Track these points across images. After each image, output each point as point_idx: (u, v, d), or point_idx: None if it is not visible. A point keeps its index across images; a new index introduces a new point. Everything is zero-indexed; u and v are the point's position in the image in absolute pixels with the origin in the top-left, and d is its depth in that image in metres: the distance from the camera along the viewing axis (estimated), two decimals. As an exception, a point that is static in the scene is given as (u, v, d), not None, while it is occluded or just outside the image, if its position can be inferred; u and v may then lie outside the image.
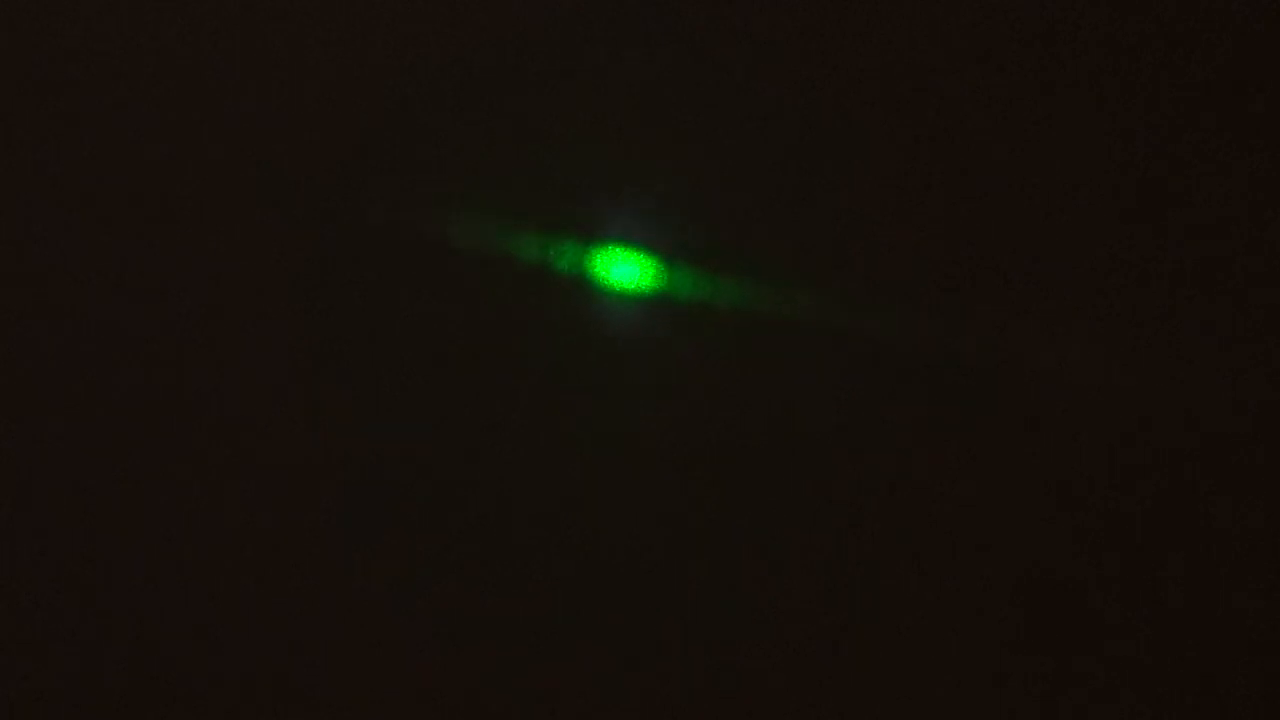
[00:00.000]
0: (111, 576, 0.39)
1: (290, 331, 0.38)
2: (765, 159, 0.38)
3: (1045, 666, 0.37)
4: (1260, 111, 0.38)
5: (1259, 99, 0.38)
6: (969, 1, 0.38)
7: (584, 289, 0.38)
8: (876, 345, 0.38)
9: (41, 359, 0.39)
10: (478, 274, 0.38)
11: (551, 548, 0.38)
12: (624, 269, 0.38)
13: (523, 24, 0.38)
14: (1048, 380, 0.38)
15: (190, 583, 0.38)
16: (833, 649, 0.37)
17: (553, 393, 0.38)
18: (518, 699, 0.38)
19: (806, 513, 0.38)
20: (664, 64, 0.38)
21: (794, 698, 0.37)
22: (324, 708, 0.38)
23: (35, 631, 0.39)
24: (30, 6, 0.39)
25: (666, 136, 0.38)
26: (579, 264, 0.38)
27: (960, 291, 0.38)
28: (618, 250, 0.38)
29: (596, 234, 0.38)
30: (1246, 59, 0.38)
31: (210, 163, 0.38)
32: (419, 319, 0.38)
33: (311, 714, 0.38)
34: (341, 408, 0.38)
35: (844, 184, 0.38)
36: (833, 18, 0.38)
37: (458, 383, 0.38)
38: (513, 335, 0.38)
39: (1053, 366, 0.38)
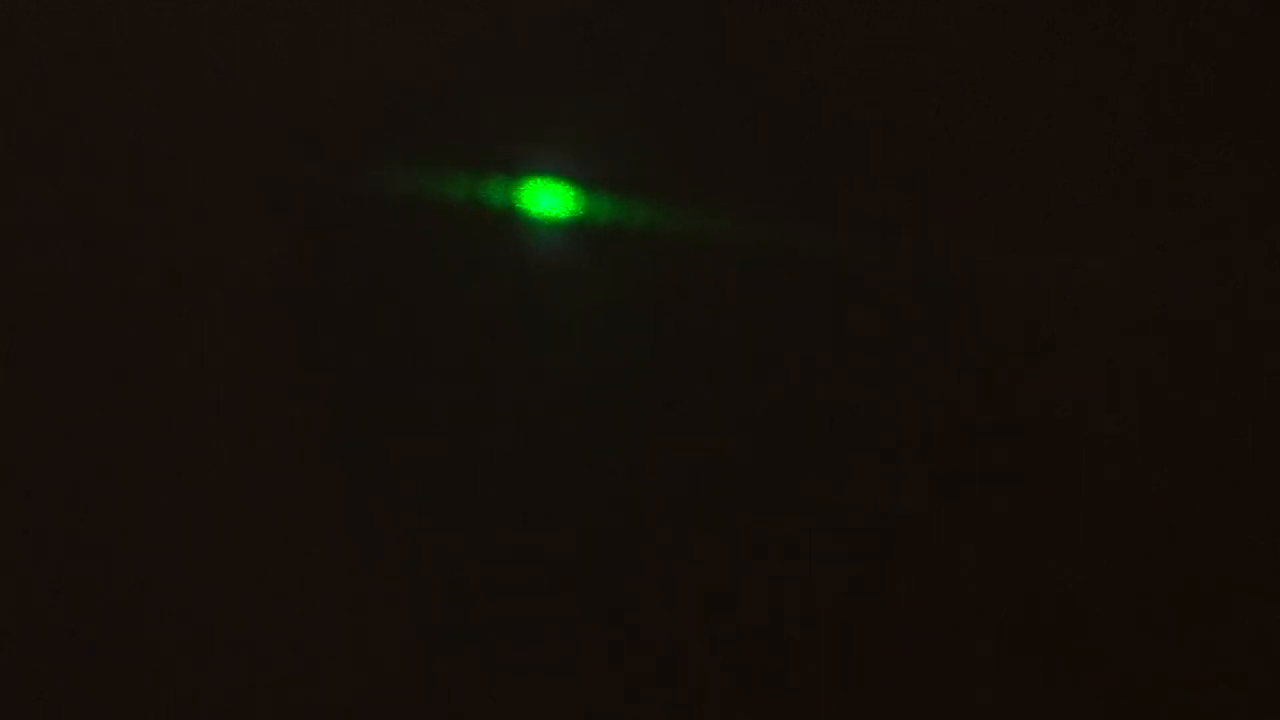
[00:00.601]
0: (111, 576, 0.40)
1: (250, 295, 0.40)
2: (683, 85, 0.40)
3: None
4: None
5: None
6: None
7: (512, 221, 0.40)
8: (799, 263, 0.40)
9: (41, 358, 0.40)
10: (409, 215, 0.40)
11: (487, 475, 0.40)
12: (548, 200, 0.40)
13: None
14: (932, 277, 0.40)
15: (190, 581, 0.40)
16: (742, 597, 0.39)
17: (490, 322, 0.40)
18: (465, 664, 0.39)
19: (732, 439, 0.40)
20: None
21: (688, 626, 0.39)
22: (324, 708, 0.40)
23: (34, 631, 0.40)
24: (30, 6, 0.40)
25: (583, 73, 0.40)
26: (506, 198, 0.40)
27: (888, 206, 0.40)
28: (541, 183, 0.40)
29: (520, 169, 0.40)
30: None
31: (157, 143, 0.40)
32: (357, 263, 0.40)
33: (311, 714, 0.40)
34: (296, 352, 0.40)
35: (761, 107, 0.40)
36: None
37: (400, 320, 0.40)
38: (448, 270, 0.40)
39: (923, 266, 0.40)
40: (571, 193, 0.40)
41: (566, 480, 0.40)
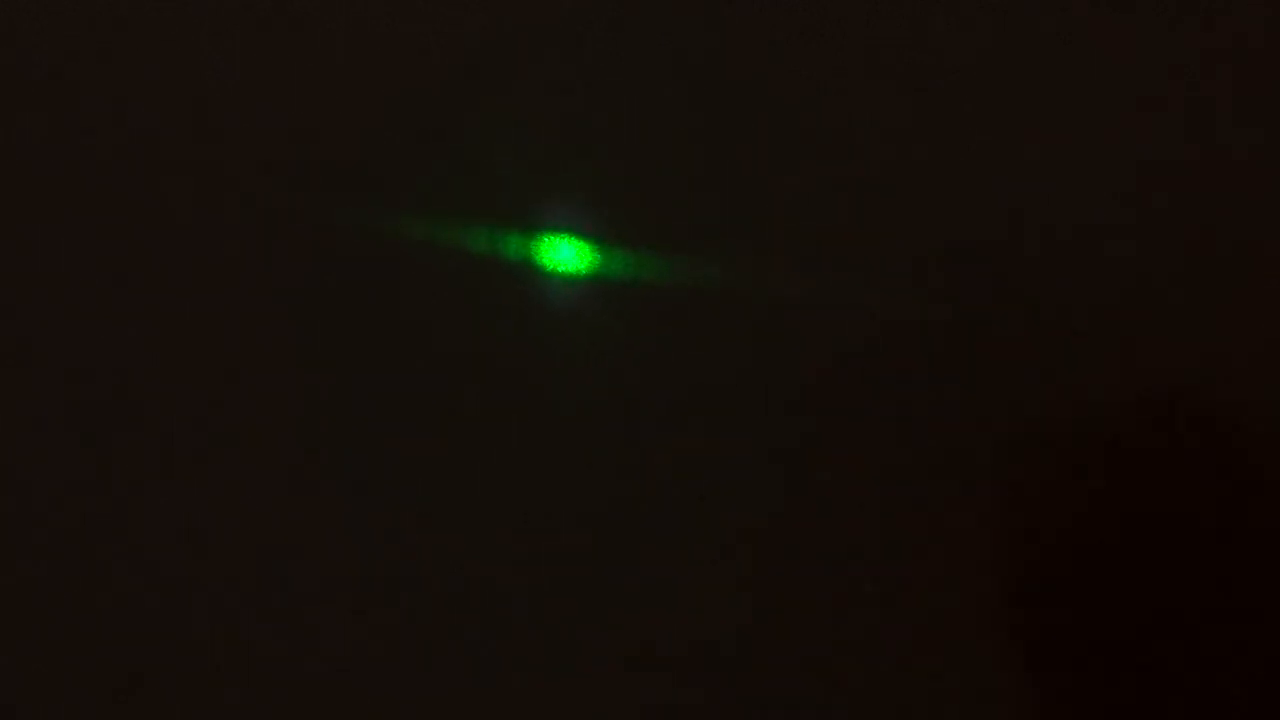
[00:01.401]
0: (110, 577, 0.40)
1: (260, 329, 0.40)
2: (701, 140, 0.41)
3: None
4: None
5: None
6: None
7: (529, 275, 0.41)
8: (818, 318, 0.40)
9: (41, 358, 0.40)
10: (428, 267, 0.40)
11: (502, 521, 0.40)
12: (565, 254, 0.41)
13: (459, 24, 0.41)
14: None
15: (191, 582, 0.40)
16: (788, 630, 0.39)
17: (504, 374, 0.41)
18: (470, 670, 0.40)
19: (754, 486, 0.40)
20: (595, 55, 0.41)
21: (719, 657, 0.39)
22: (322, 710, 0.40)
23: (33, 631, 0.40)
24: (30, 6, 0.41)
25: (599, 130, 0.41)
26: (523, 252, 0.41)
27: (890, 261, 0.40)
28: (558, 237, 0.41)
29: (537, 223, 0.41)
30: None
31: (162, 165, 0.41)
32: (369, 312, 0.40)
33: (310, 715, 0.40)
34: (307, 398, 0.40)
35: (782, 164, 0.41)
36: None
37: (414, 371, 0.40)
38: (463, 322, 0.40)
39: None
40: (588, 247, 0.41)
41: (580, 532, 0.40)
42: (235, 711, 0.40)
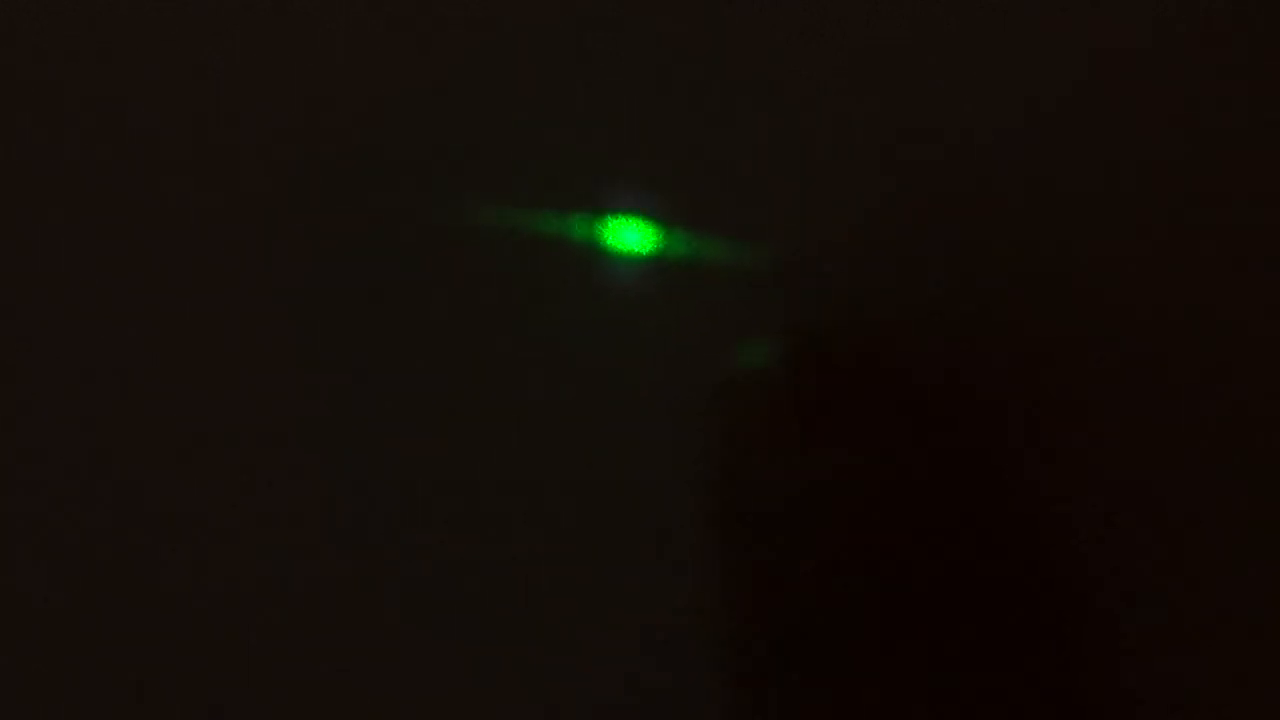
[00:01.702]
0: (110, 577, 0.41)
1: (313, 316, 0.41)
2: (769, 123, 0.41)
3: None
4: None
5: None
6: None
7: (593, 257, 0.41)
8: (874, 302, 0.41)
9: (51, 359, 0.41)
10: (490, 251, 0.41)
11: (565, 506, 0.41)
12: (628, 236, 0.41)
13: (513, 11, 0.41)
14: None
15: (194, 583, 0.41)
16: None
17: (568, 356, 0.41)
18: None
19: (812, 474, 0.40)
20: (659, 37, 0.42)
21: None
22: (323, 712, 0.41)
23: (33, 630, 0.41)
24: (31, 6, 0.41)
25: (665, 111, 0.42)
26: (588, 234, 0.41)
27: (962, 247, 0.41)
28: (622, 219, 0.41)
29: (601, 206, 0.41)
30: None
31: (206, 160, 0.41)
32: (436, 300, 0.41)
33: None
34: (367, 386, 0.41)
35: (846, 151, 0.41)
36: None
37: (478, 355, 0.41)
38: (528, 304, 0.41)
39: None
40: (653, 229, 0.41)
41: (643, 516, 0.41)
42: (236, 711, 0.40)
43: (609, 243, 0.41)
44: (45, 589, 0.41)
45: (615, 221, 0.41)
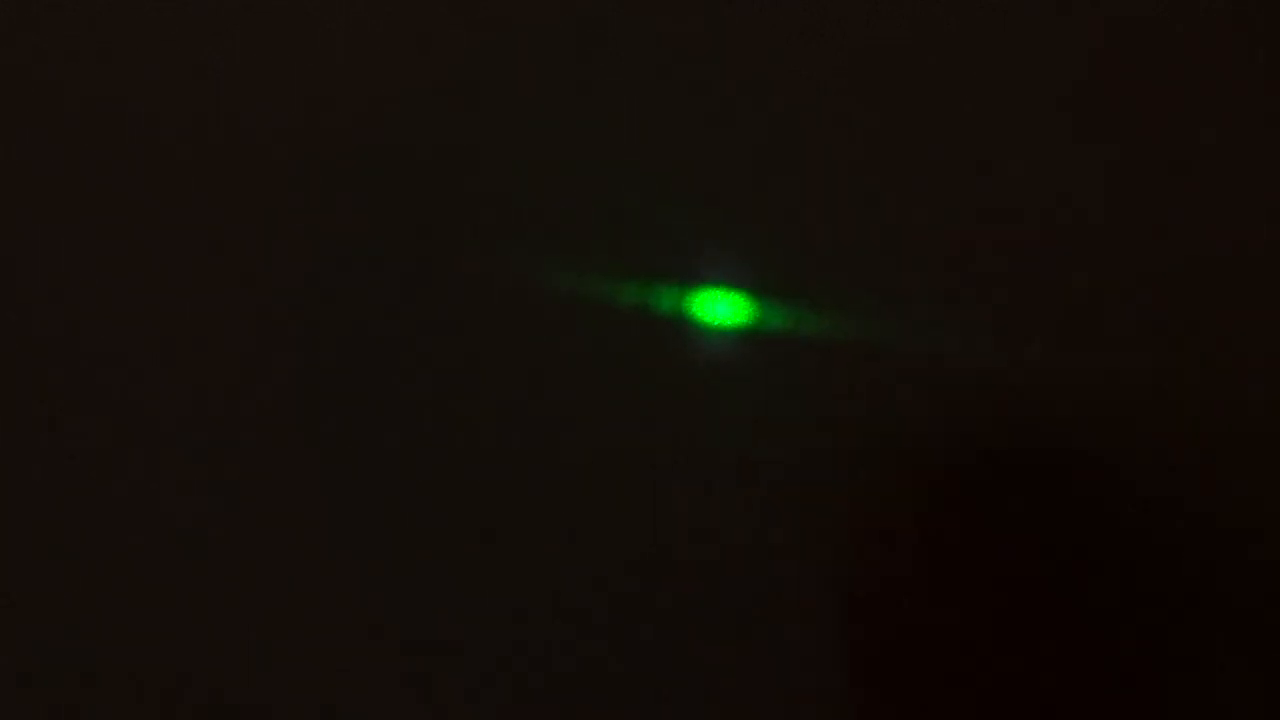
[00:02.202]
0: (108, 577, 0.40)
1: (403, 382, 0.40)
2: (850, 192, 0.40)
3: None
4: None
5: None
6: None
7: (682, 328, 0.40)
8: (974, 374, 0.39)
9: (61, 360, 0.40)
10: (575, 319, 0.40)
11: (654, 575, 0.39)
12: (719, 307, 0.40)
13: (603, 75, 0.40)
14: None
15: (196, 585, 0.40)
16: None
17: (660, 431, 0.40)
18: None
19: (906, 540, 0.39)
20: (752, 106, 0.40)
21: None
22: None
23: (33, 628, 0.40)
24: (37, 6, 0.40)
25: (753, 177, 0.40)
26: (676, 305, 0.40)
27: (1068, 321, 0.39)
28: (712, 290, 0.40)
29: (689, 276, 0.40)
30: None
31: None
32: (518, 364, 0.40)
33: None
34: (448, 452, 0.40)
35: (940, 216, 0.40)
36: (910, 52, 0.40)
37: (564, 430, 0.40)
38: (615, 377, 0.40)
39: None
40: (744, 300, 0.40)
41: (737, 586, 0.39)
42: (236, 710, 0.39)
43: (699, 314, 0.40)
44: (45, 588, 0.40)
45: (705, 293, 0.40)
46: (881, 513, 0.39)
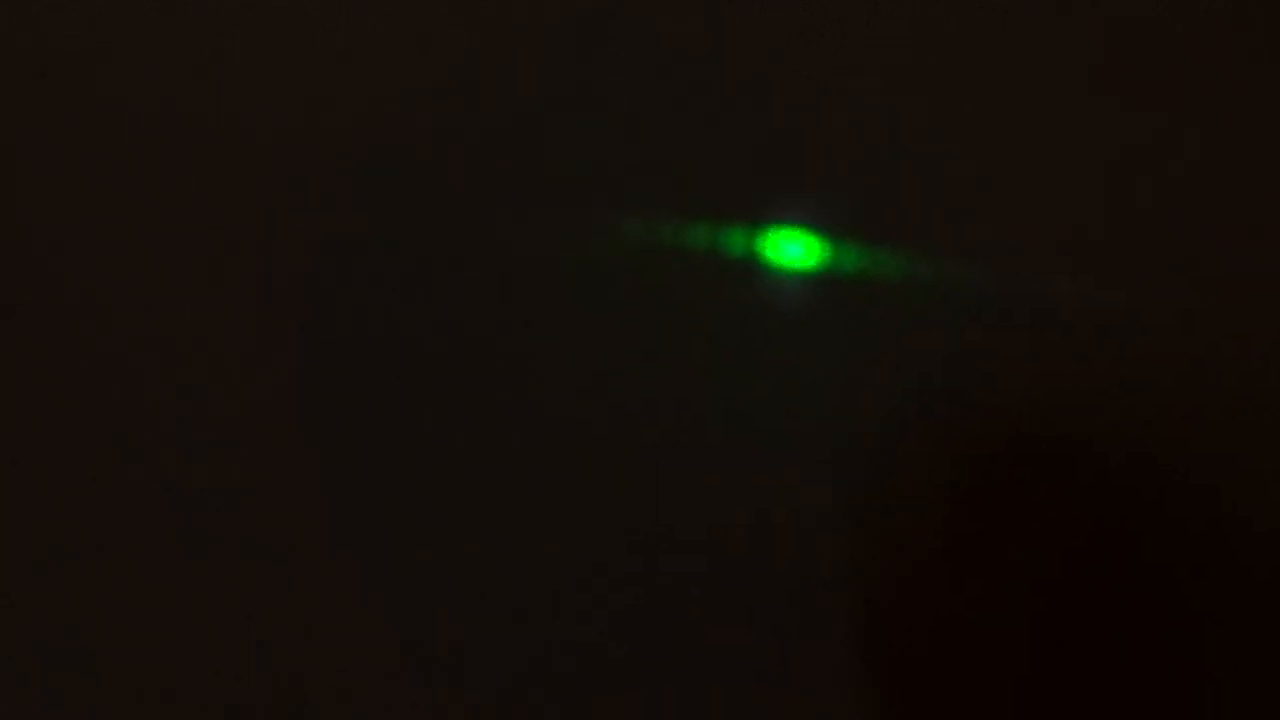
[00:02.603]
0: (109, 576, 0.40)
1: (457, 326, 0.40)
2: (925, 135, 0.38)
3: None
4: None
5: None
6: None
7: (755, 272, 0.39)
8: (1041, 319, 0.38)
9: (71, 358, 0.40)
10: (646, 263, 0.39)
11: (725, 524, 0.39)
12: (792, 250, 0.39)
13: (674, 18, 0.39)
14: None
15: (199, 581, 0.40)
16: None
17: (732, 374, 0.39)
18: None
19: (978, 489, 0.38)
20: (822, 46, 0.39)
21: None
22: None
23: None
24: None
25: (827, 119, 0.39)
26: (749, 248, 0.39)
27: (1131, 261, 0.38)
28: (785, 232, 0.39)
29: (763, 217, 0.39)
30: None
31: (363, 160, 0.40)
32: (594, 313, 0.39)
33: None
34: (519, 397, 0.40)
35: (1004, 160, 0.38)
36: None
37: (633, 374, 0.39)
38: (687, 321, 0.39)
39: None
40: (816, 242, 0.39)
41: (807, 538, 0.39)
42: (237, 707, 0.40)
43: (770, 257, 0.39)
44: (45, 586, 0.40)
45: (777, 234, 0.39)
46: (955, 464, 0.38)
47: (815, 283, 0.38)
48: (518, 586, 0.40)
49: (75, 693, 0.40)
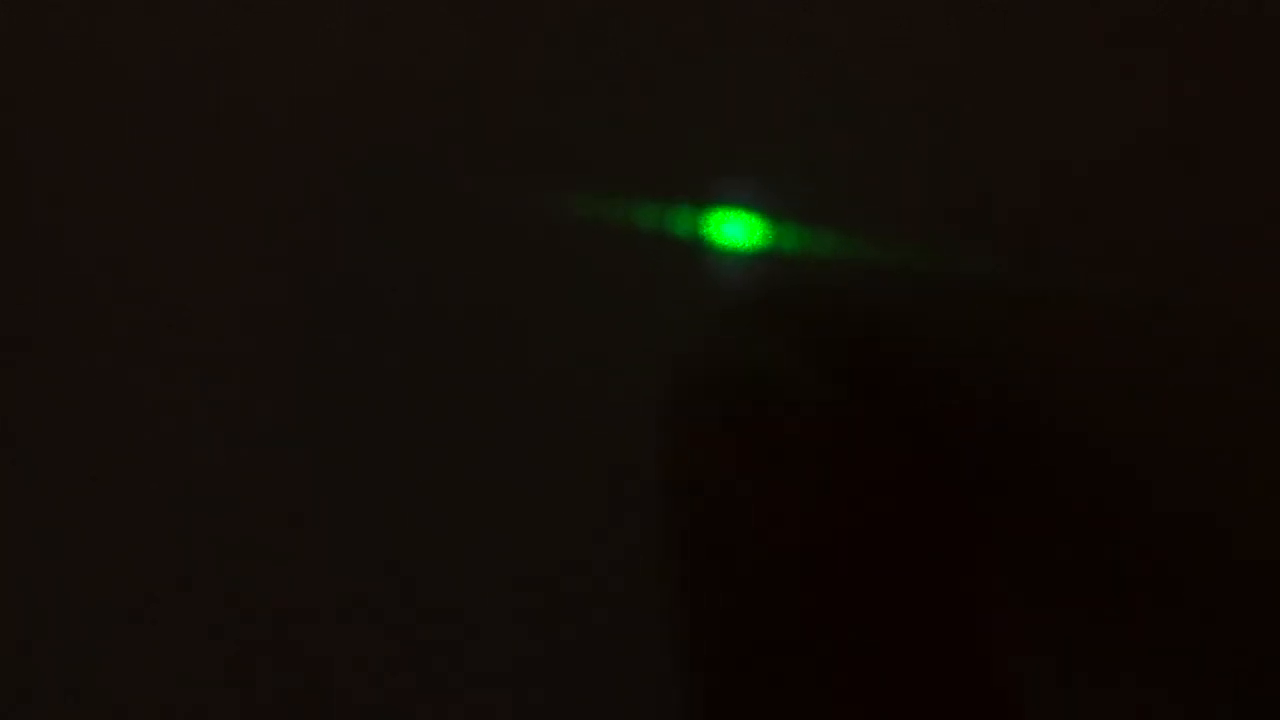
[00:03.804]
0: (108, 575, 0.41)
1: (409, 307, 0.40)
2: (867, 115, 0.38)
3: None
4: None
5: None
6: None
7: (699, 251, 0.39)
8: (989, 300, 0.37)
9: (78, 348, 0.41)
10: (591, 242, 0.39)
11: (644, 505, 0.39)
12: (735, 229, 0.39)
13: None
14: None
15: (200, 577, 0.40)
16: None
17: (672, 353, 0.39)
18: None
19: (920, 473, 0.38)
20: (772, 27, 0.39)
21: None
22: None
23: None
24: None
25: (774, 102, 0.39)
26: (692, 228, 0.39)
27: (1074, 241, 0.37)
28: (728, 212, 0.39)
29: (706, 198, 0.39)
30: None
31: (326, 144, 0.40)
32: (532, 290, 0.40)
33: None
34: (464, 384, 0.40)
35: (955, 139, 0.38)
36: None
37: (577, 351, 0.39)
38: (630, 300, 0.39)
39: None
40: (760, 222, 0.39)
41: (743, 515, 0.38)
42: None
43: (714, 237, 0.39)
44: (44, 585, 0.41)
45: (720, 214, 0.39)
46: (895, 441, 0.38)
47: (758, 263, 0.39)
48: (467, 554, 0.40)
49: (74, 691, 0.41)
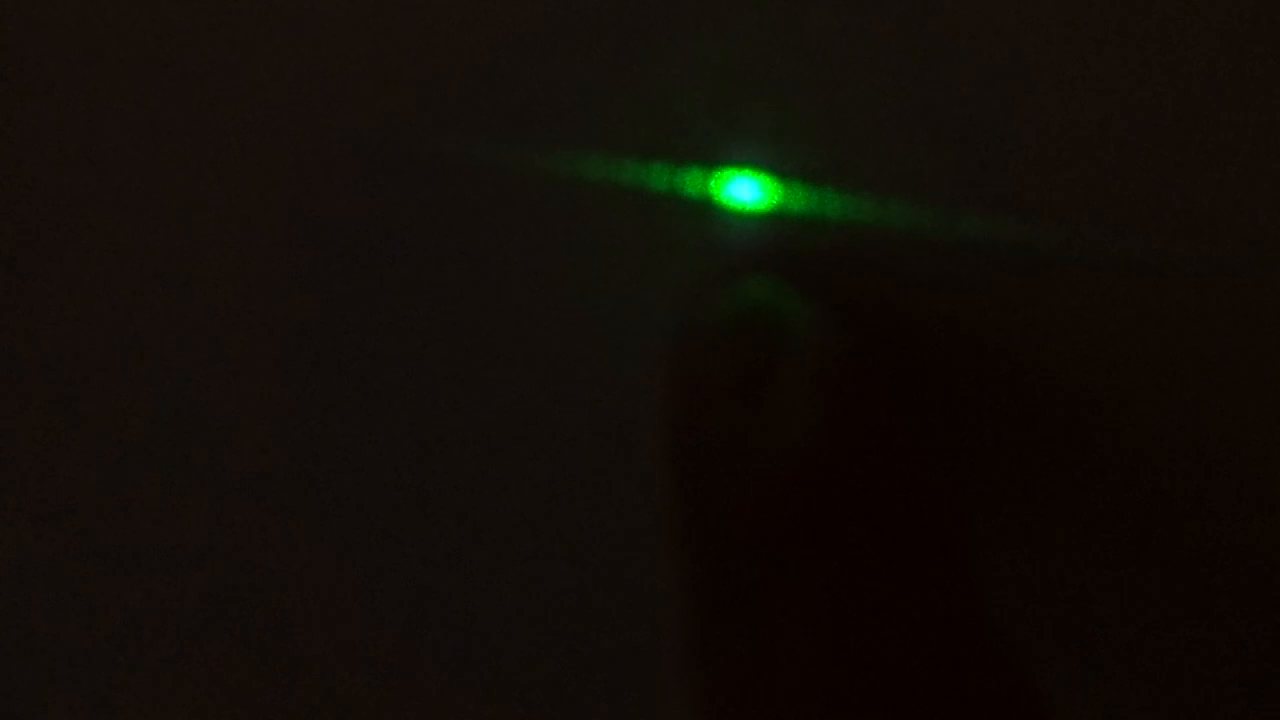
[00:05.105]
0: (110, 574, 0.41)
1: (414, 268, 0.40)
2: (878, 77, 0.38)
3: None
4: None
5: None
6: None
7: (709, 211, 0.39)
8: (1003, 258, 0.37)
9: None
10: (604, 204, 0.39)
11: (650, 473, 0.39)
12: (746, 190, 0.38)
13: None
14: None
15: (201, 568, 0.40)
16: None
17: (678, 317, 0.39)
18: None
19: (927, 436, 0.38)
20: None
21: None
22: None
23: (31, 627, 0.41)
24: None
25: (784, 64, 0.39)
26: (703, 188, 0.39)
27: (1078, 198, 0.37)
28: (739, 172, 0.38)
29: (717, 159, 0.39)
30: None
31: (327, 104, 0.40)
32: (541, 253, 0.39)
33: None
34: (473, 343, 0.40)
35: (967, 98, 0.38)
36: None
37: (587, 315, 0.39)
38: (641, 261, 0.39)
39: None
40: (771, 183, 0.38)
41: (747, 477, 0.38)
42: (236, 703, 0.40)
43: (724, 198, 0.39)
44: (44, 584, 0.41)
45: (731, 175, 0.39)
46: (905, 402, 0.38)
47: (769, 223, 0.38)
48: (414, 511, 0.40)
49: (72, 689, 0.41)
